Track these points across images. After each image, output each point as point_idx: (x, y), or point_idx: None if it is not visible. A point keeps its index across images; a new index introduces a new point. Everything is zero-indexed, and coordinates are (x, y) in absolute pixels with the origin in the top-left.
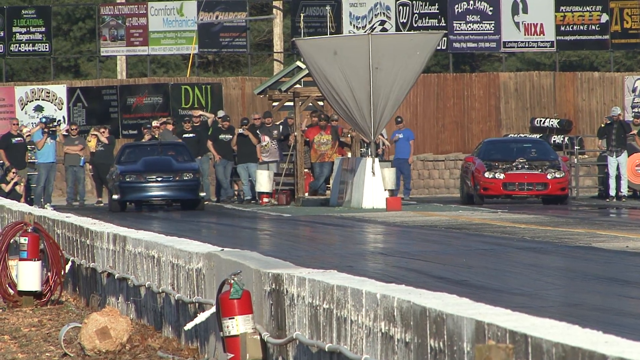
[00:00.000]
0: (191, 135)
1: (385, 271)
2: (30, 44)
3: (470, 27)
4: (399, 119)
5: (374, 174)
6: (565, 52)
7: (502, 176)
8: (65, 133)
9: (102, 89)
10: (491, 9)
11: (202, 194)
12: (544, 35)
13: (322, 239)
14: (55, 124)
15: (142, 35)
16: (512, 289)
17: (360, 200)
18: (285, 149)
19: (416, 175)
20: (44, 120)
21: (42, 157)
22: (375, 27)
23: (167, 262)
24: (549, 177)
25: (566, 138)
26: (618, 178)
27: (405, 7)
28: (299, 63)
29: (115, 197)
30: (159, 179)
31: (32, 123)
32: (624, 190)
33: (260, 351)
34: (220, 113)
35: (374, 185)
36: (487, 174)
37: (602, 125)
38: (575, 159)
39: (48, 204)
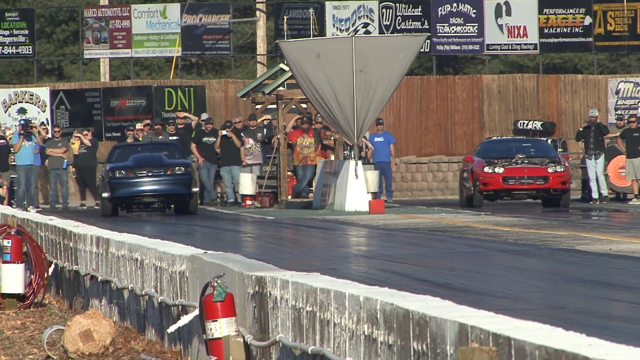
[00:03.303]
0: (174, 138)
1: (368, 274)
2: (14, 47)
3: (453, 29)
4: (380, 121)
5: (357, 176)
6: (549, 54)
7: (501, 170)
8: (42, 131)
9: (86, 91)
10: (474, 11)
11: (195, 189)
12: (527, 37)
13: (305, 241)
14: (30, 124)
15: (126, 38)
16: (495, 291)
17: (343, 202)
18: (268, 151)
19: (399, 178)
20: (22, 122)
21: (20, 160)
22: (358, 30)
23: (151, 265)
24: (549, 170)
25: (549, 140)
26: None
27: (388, 10)
28: (282, 65)
29: (105, 195)
30: (150, 174)
31: (15, 125)
32: (604, 192)
33: (244, 354)
34: (204, 116)
35: (356, 188)
36: (486, 169)
37: (581, 129)
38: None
39: (31, 206)
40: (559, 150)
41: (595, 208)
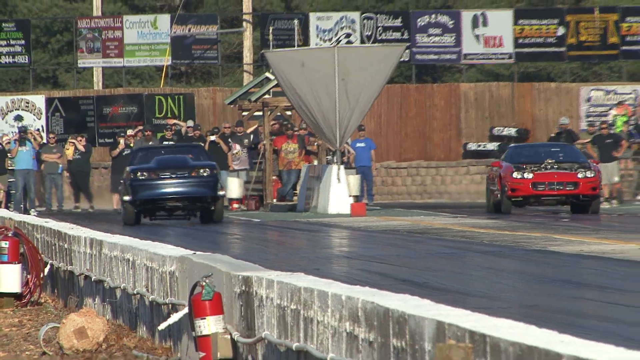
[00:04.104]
0: (168, 143)
1: (350, 274)
2: (10, 56)
3: (432, 39)
4: (362, 127)
5: (339, 180)
6: (524, 63)
7: (530, 176)
8: (37, 137)
9: (80, 99)
10: (452, 22)
11: (221, 193)
12: (503, 47)
13: (290, 243)
14: (26, 131)
15: (118, 48)
16: (471, 291)
17: (326, 205)
18: (254, 156)
19: (380, 182)
20: (19, 128)
21: (18, 164)
22: (340, 40)
23: (142, 265)
24: (579, 176)
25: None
26: None
27: (369, 21)
28: (267, 74)
29: (126, 198)
30: (174, 175)
31: (12, 132)
32: None
33: (231, 350)
34: (190, 122)
35: (339, 192)
36: (515, 174)
37: (552, 135)
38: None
39: (33, 209)
40: None
41: (563, 209)
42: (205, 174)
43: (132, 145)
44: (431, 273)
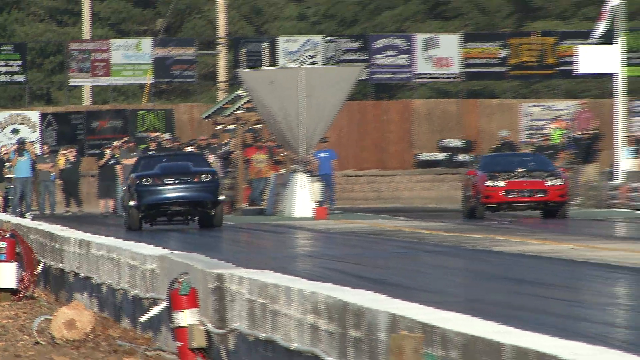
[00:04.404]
0: (151, 153)
1: (313, 271)
2: (8, 75)
3: (387, 60)
4: (324, 139)
5: (303, 187)
6: (470, 82)
7: (503, 184)
8: (31, 148)
9: (70, 114)
10: (406, 45)
11: (222, 197)
12: (451, 67)
13: (259, 243)
14: (23, 142)
15: (105, 68)
16: (422, 286)
17: (292, 210)
18: (227, 165)
19: (340, 189)
20: (17, 140)
21: (17, 173)
22: (305, 61)
23: (125, 264)
24: (548, 184)
25: (469, 156)
26: None
27: (331, 43)
28: (240, 91)
29: (132, 203)
30: (177, 181)
31: (9, 144)
32: None
33: (205, 340)
34: (167, 135)
35: (303, 197)
36: (488, 183)
37: (494, 147)
38: None
39: (28, 213)
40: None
41: (503, 214)
42: (207, 180)
43: (117, 155)
44: (386, 270)
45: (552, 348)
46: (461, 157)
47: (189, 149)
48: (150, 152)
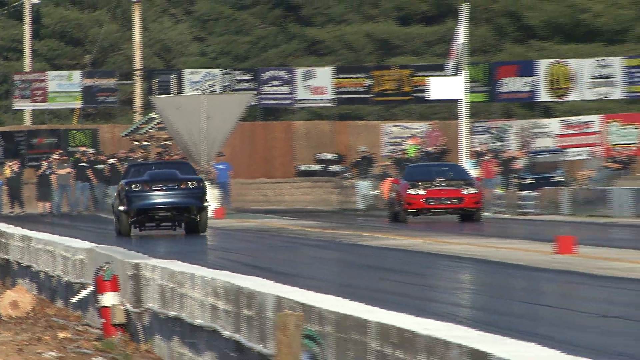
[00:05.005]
0: (85, 164)
1: (213, 261)
2: None
3: (273, 89)
4: (221, 154)
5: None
6: (341, 106)
7: (423, 192)
8: None
9: (14, 132)
10: (288, 76)
11: (207, 204)
12: (325, 94)
13: (169, 238)
14: None
15: (43, 95)
16: (302, 274)
17: None
18: None
19: (235, 194)
20: None
21: None
22: (206, 89)
23: (60, 255)
24: (464, 192)
25: (340, 167)
26: (367, 196)
27: (227, 75)
28: (152, 114)
29: (121, 208)
30: (164, 187)
31: None
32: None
33: (125, 317)
34: (90, 150)
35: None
36: (410, 191)
37: (355, 160)
38: (345, 182)
39: None
40: (345, 174)
41: (368, 214)
42: (193, 186)
43: (52, 166)
44: (273, 261)
45: (409, 324)
46: (334, 167)
47: (111, 161)
48: (81, 164)
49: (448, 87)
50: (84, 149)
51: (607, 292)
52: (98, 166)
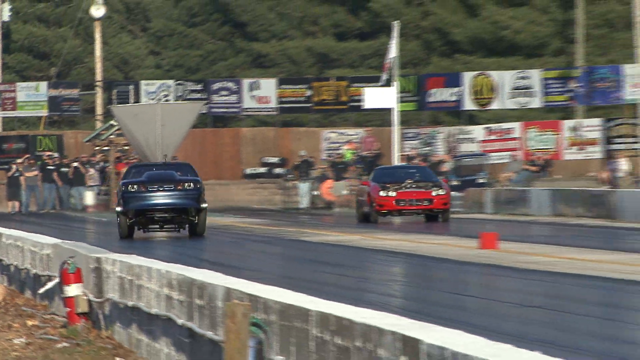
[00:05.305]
0: (51, 168)
1: (168, 256)
2: None
3: (222, 98)
4: (175, 158)
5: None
6: (284, 114)
7: (394, 194)
8: None
9: None
10: (236, 87)
11: (204, 205)
12: (270, 103)
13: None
14: None
15: (12, 104)
16: (249, 267)
17: None
18: (104, 177)
19: None
20: None
21: None
22: (161, 99)
23: (28, 249)
24: (433, 194)
25: (283, 170)
26: (308, 196)
27: (180, 86)
28: (112, 122)
29: (118, 209)
30: (161, 188)
31: None
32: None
33: (87, 306)
34: (55, 154)
35: None
36: (381, 193)
37: (296, 163)
38: (288, 184)
39: None
40: (289, 176)
41: (309, 213)
42: (189, 188)
43: (21, 169)
44: (222, 255)
45: (347, 313)
46: (277, 170)
47: (75, 164)
48: (47, 167)
49: (381, 97)
50: (50, 153)
51: (527, 284)
52: (63, 169)
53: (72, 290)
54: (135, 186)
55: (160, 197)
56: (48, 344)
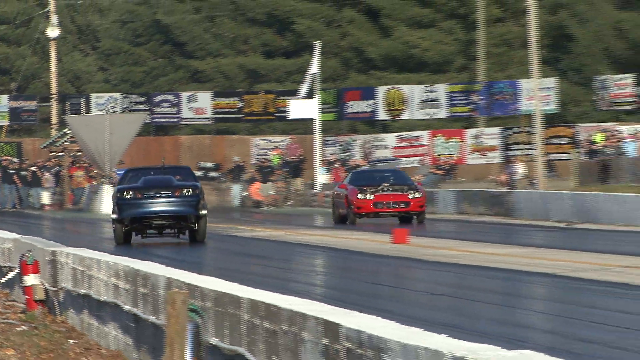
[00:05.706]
0: (11, 171)
1: (116, 250)
2: None
3: (163, 110)
4: (122, 162)
5: (108, 193)
6: (219, 124)
7: (372, 197)
8: None
9: None
10: (176, 99)
11: (203, 212)
12: (206, 114)
13: (79, 230)
14: None
15: None
16: (186, 259)
17: (101, 209)
18: (58, 179)
19: None
20: None
21: None
22: (109, 110)
23: None
24: (410, 197)
25: (217, 173)
26: (239, 196)
27: (126, 98)
28: (66, 130)
29: (113, 216)
30: (157, 194)
31: None
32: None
33: (44, 294)
34: (15, 159)
35: (108, 200)
36: (359, 196)
37: (230, 169)
38: (221, 185)
39: None
40: (222, 179)
41: (240, 211)
42: (187, 194)
43: None
44: (163, 249)
45: (275, 300)
46: (213, 174)
47: (32, 168)
48: (8, 171)
49: (305, 108)
50: (11, 158)
51: (435, 274)
52: (22, 172)
53: (31, 279)
54: (130, 192)
55: (157, 205)
56: (9, 327)
